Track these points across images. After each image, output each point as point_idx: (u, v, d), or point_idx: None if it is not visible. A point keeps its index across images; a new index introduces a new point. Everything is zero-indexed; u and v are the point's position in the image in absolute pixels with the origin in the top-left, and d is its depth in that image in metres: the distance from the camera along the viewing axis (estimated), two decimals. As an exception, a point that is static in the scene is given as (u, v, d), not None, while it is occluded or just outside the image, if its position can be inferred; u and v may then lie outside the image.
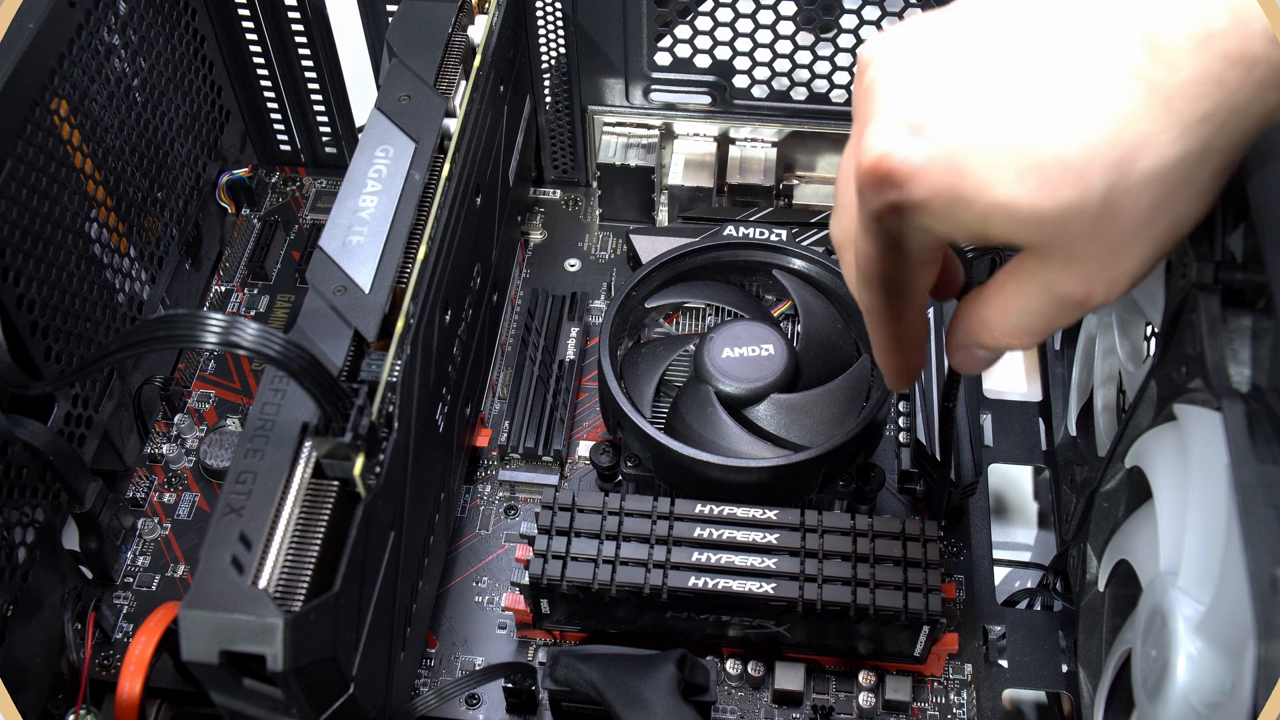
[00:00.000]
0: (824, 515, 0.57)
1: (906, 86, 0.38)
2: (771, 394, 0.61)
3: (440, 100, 0.59)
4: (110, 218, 0.65)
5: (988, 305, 0.42)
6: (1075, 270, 0.38)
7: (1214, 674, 0.40)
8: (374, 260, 0.52)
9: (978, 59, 0.37)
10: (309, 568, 0.44)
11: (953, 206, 0.37)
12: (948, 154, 0.36)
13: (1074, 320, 0.42)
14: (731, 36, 0.72)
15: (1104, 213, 0.35)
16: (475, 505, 0.68)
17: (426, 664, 0.62)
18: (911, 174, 0.37)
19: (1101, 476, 0.55)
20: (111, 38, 0.64)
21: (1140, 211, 0.36)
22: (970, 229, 0.38)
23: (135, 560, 0.66)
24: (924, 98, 0.37)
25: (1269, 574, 0.34)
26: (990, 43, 0.37)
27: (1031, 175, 0.35)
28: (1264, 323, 0.42)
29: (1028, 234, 0.37)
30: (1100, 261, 0.37)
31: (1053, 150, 0.35)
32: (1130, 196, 0.35)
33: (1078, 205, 0.35)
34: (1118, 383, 0.60)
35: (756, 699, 0.60)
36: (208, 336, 0.41)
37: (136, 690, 0.55)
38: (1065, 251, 0.37)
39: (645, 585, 0.55)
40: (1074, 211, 0.35)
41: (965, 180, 0.36)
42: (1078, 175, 0.35)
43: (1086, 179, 0.35)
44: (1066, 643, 0.61)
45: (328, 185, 0.85)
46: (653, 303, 0.67)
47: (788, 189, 0.80)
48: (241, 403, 0.73)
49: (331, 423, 0.44)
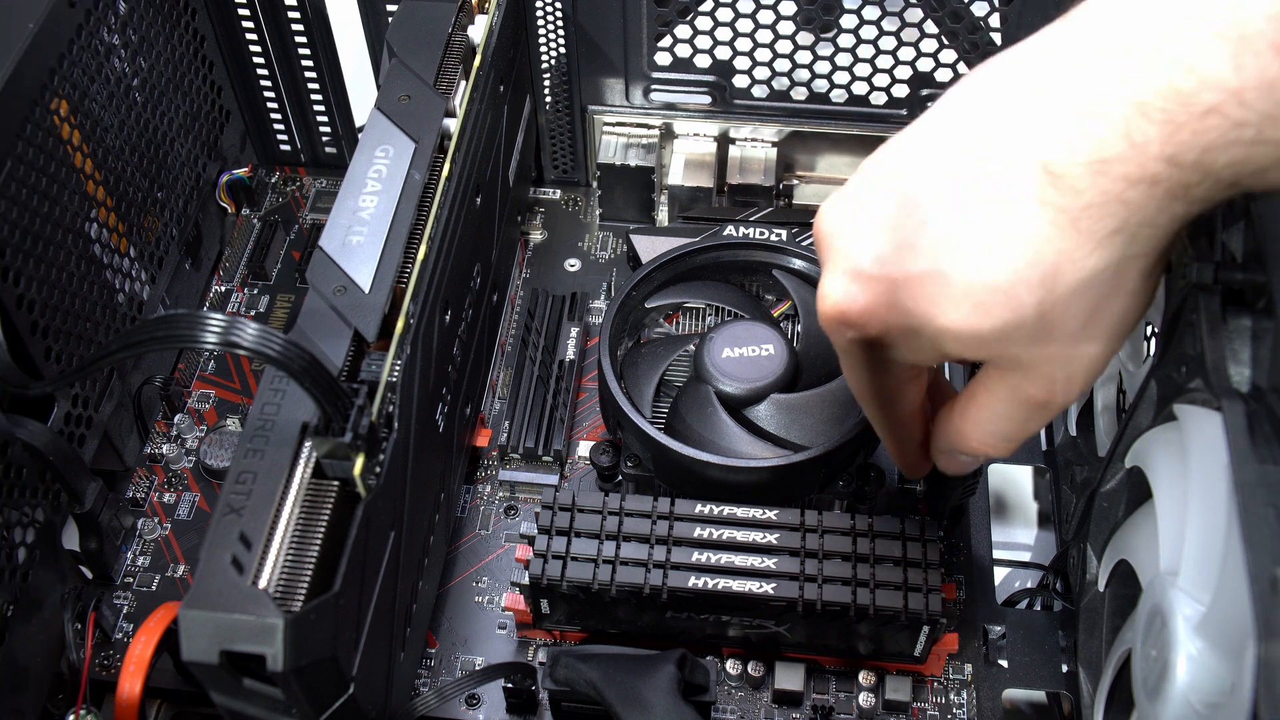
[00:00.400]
0: (824, 515, 0.57)
1: (851, 237, 0.42)
2: (771, 394, 0.61)
3: (440, 100, 0.59)
4: (110, 218, 0.65)
5: (962, 416, 0.46)
6: (1032, 375, 0.41)
7: (1214, 674, 0.40)
8: (374, 260, 0.52)
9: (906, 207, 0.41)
10: (309, 568, 0.44)
11: (906, 336, 0.42)
12: (889, 294, 0.41)
13: (1043, 425, 0.45)
14: (731, 36, 0.72)
15: (1041, 325, 0.39)
16: (475, 505, 0.68)
17: (426, 664, 0.62)
18: (861, 315, 0.42)
19: (1101, 476, 0.55)
20: (111, 38, 0.64)
21: (1076, 318, 0.39)
22: (930, 352, 0.42)
23: (135, 560, 0.66)
24: (864, 247, 0.42)
25: (1269, 574, 0.34)
26: (914, 191, 0.40)
27: (965, 303, 0.39)
28: (1264, 323, 0.42)
29: (978, 352, 0.41)
30: (1052, 364, 0.41)
31: (980, 279, 0.38)
32: (1062, 307, 0.38)
33: (1014, 322, 0.39)
34: (1118, 383, 0.60)
35: (756, 699, 0.60)
36: (208, 336, 0.41)
37: (136, 690, 0.55)
38: (1017, 361, 0.41)
39: (645, 585, 0.55)
40: (1011, 328, 0.39)
41: (909, 315, 0.41)
42: (1007, 297, 0.38)
43: (1016, 299, 0.38)
44: (1066, 643, 0.61)
45: (328, 185, 0.85)
46: (653, 303, 0.67)
47: (788, 189, 0.80)
48: (241, 403, 0.72)
49: (331, 423, 0.44)
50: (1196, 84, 0.34)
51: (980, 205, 0.38)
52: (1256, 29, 0.33)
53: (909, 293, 0.40)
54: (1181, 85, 0.34)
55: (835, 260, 0.43)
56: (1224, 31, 0.33)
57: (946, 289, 0.39)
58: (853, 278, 0.42)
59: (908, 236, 0.40)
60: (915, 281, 0.40)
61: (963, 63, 0.71)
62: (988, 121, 0.39)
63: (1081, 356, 0.40)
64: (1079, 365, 0.41)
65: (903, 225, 0.40)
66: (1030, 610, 0.63)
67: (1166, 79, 0.34)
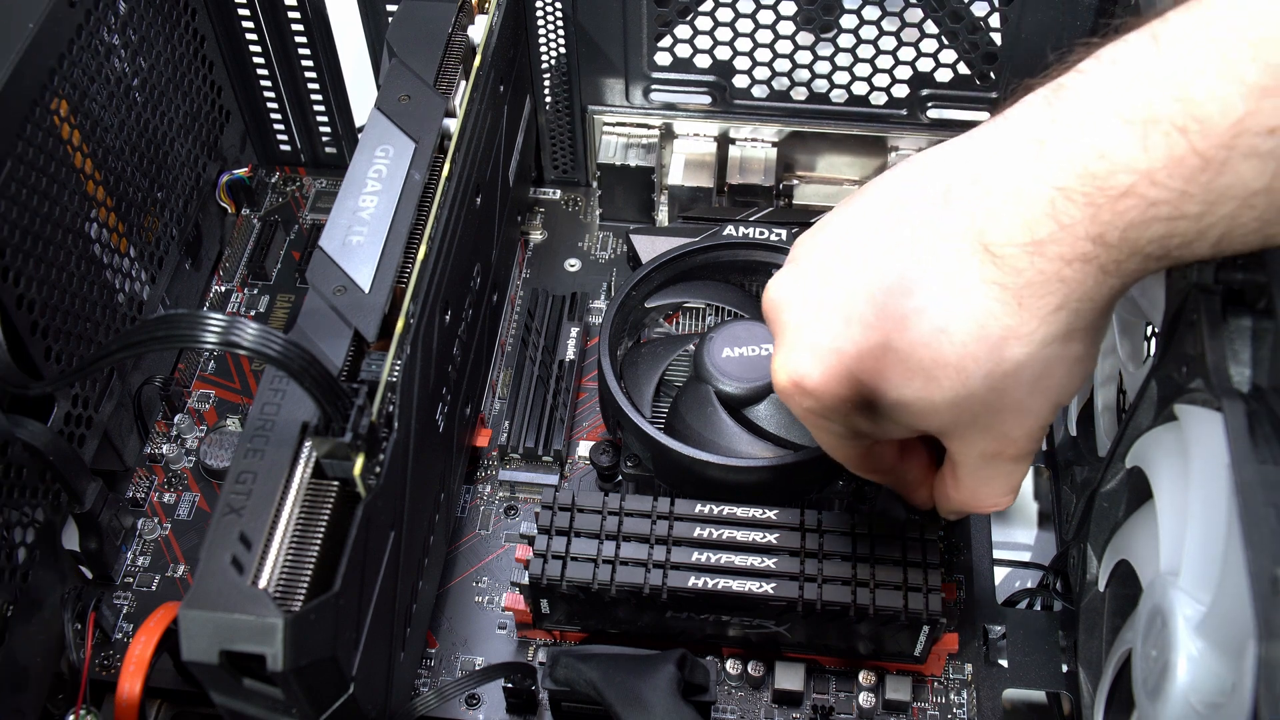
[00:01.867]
0: (824, 515, 0.57)
1: (801, 311, 0.44)
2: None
3: (440, 100, 0.59)
4: (110, 218, 0.65)
5: (955, 489, 0.49)
6: (990, 435, 0.44)
7: (1214, 674, 0.40)
8: (374, 260, 0.52)
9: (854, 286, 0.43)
10: (309, 568, 0.44)
11: (861, 407, 0.44)
12: (842, 369, 0.43)
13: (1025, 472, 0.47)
14: (731, 36, 0.72)
15: (991, 393, 0.41)
16: (475, 505, 0.68)
17: (426, 664, 0.62)
18: (816, 388, 0.44)
19: (1102, 476, 0.55)
20: (111, 38, 0.64)
21: (1024, 385, 0.41)
22: (888, 422, 0.44)
23: (135, 560, 0.66)
24: (816, 322, 0.44)
25: (1269, 574, 0.34)
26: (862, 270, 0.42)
27: (917, 377, 0.41)
28: (1264, 323, 0.42)
29: (934, 422, 0.43)
30: (1007, 424, 0.43)
31: (929, 354, 0.41)
32: (1010, 378, 0.40)
33: (964, 393, 0.41)
34: (1118, 383, 0.60)
35: (756, 699, 0.60)
36: (208, 336, 0.41)
37: (136, 690, 0.55)
38: (973, 425, 0.43)
39: (645, 585, 0.55)
40: (962, 398, 0.41)
41: (863, 388, 0.43)
42: (956, 370, 0.40)
43: (965, 371, 0.40)
44: (1066, 643, 0.61)
45: (328, 185, 0.85)
46: (653, 303, 0.67)
47: (788, 189, 0.80)
48: (241, 403, 0.72)
49: (331, 423, 0.44)
50: (1109, 167, 0.36)
51: (927, 283, 0.41)
52: (1165, 111, 0.35)
53: (861, 365, 0.42)
54: (1095, 170, 0.36)
55: (787, 334, 0.45)
56: (1131, 116, 0.35)
57: (901, 365, 0.41)
58: (806, 349, 0.44)
59: (859, 312, 0.42)
60: (867, 355, 0.42)
61: (963, 63, 0.71)
62: (930, 204, 0.41)
63: (1033, 417, 0.43)
64: (1029, 425, 0.43)
65: (852, 302, 0.42)
66: (1030, 610, 0.63)
67: (1082, 164, 0.37)
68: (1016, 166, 0.39)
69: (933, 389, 0.41)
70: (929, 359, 0.41)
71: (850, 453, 0.49)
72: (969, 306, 0.40)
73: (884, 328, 0.41)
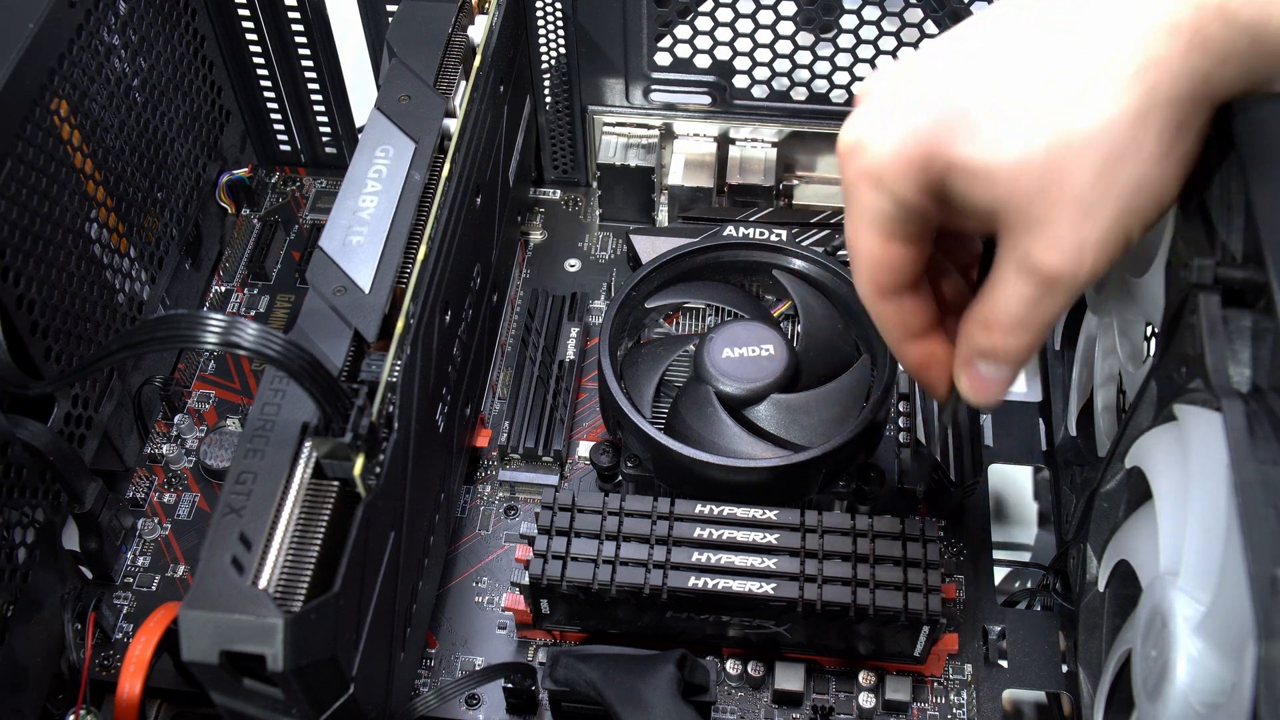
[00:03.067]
0: (824, 515, 0.57)
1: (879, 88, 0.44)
2: (771, 394, 0.61)
3: (440, 100, 0.59)
4: (110, 218, 0.65)
5: (980, 302, 0.45)
6: (1040, 235, 0.41)
7: (1214, 674, 0.40)
8: (374, 260, 0.52)
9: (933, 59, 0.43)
10: (309, 568, 0.44)
11: (912, 169, 0.42)
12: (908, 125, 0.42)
13: (1058, 307, 0.43)
14: (731, 36, 0.72)
15: (1049, 167, 0.39)
16: (475, 505, 0.68)
17: (426, 664, 0.62)
18: (876, 140, 0.43)
19: (1101, 476, 0.55)
20: (111, 38, 0.64)
21: (1088, 170, 0.39)
22: (933, 193, 0.43)
23: (135, 560, 0.66)
24: (890, 92, 0.44)
25: (1269, 574, 0.34)
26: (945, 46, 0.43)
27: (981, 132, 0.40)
28: (1264, 323, 0.42)
29: (986, 196, 0.41)
30: (1060, 225, 0.40)
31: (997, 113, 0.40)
32: (1074, 154, 0.39)
33: (1024, 158, 0.40)
34: (1118, 383, 0.60)
35: (756, 699, 0.60)
36: (208, 336, 0.41)
37: (136, 690, 0.55)
38: (1025, 215, 0.41)
39: (645, 585, 0.55)
40: (1023, 164, 0.40)
41: (922, 145, 0.42)
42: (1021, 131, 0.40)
43: (1028, 135, 0.39)
44: (1066, 643, 0.61)
45: (328, 185, 0.85)
46: (653, 303, 0.67)
47: (788, 189, 0.80)
48: (241, 403, 0.72)
49: (331, 423, 0.44)
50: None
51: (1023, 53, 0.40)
52: None
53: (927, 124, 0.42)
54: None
55: (866, 102, 0.45)
56: None
57: (964, 121, 0.41)
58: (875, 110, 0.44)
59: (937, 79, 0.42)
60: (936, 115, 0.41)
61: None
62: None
63: (1093, 224, 0.40)
64: (1089, 233, 0.40)
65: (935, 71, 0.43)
66: (1030, 610, 0.63)
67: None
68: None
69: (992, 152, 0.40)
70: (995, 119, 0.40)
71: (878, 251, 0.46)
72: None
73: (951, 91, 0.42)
